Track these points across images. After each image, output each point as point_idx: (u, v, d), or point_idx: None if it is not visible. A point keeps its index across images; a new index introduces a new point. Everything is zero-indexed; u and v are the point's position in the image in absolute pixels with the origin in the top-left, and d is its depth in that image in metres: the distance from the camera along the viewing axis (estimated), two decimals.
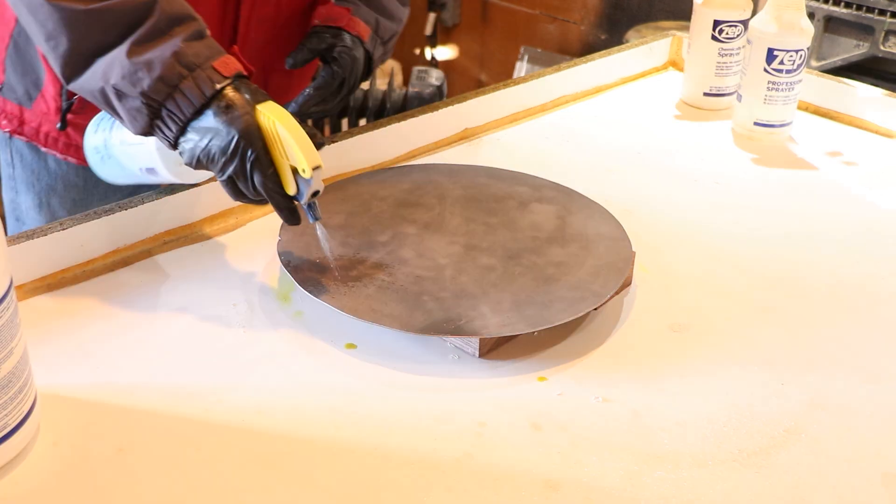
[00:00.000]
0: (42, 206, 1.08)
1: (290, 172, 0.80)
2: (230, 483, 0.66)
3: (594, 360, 0.80)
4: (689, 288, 0.91)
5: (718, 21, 1.27)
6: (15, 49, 1.00)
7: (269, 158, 0.80)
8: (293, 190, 0.81)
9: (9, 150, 1.07)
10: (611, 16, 2.72)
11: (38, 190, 1.07)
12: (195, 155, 0.80)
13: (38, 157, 1.05)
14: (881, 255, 0.98)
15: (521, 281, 0.85)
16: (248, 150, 0.78)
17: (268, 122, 0.79)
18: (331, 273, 0.85)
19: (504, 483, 0.67)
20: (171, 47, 0.79)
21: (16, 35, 0.99)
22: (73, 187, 1.06)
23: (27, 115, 1.02)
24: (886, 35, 1.79)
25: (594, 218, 0.95)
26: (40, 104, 1.01)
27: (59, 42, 0.80)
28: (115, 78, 0.79)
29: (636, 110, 1.32)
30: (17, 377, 0.64)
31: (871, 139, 1.25)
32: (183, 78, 0.79)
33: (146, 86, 0.78)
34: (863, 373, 0.80)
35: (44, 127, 1.02)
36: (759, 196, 1.10)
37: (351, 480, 0.67)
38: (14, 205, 1.11)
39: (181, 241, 0.94)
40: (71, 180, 1.06)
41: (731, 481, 0.68)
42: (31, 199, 1.08)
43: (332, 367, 0.78)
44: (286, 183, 0.81)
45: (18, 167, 1.07)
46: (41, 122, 1.02)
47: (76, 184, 1.06)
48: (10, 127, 1.03)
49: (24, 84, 1.01)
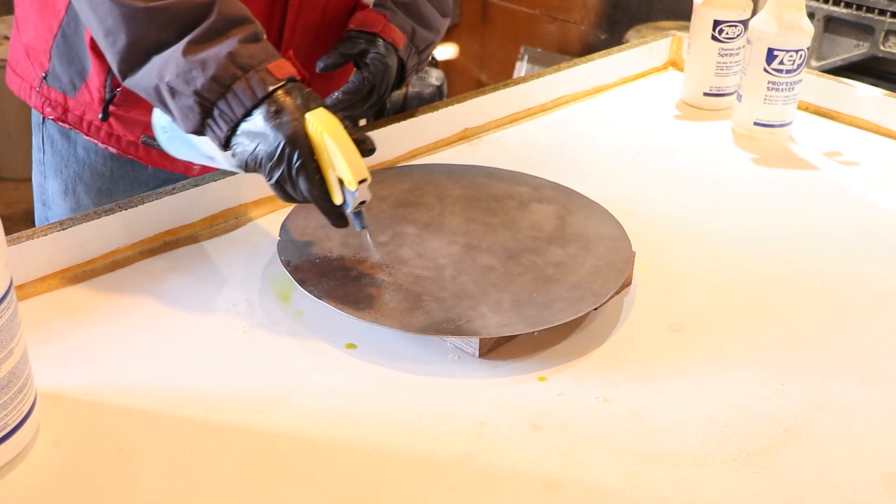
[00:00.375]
0: (68, 193, 1.09)
1: (337, 181, 0.80)
2: (230, 483, 0.66)
3: (594, 360, 0.80)
4: (689, 288, 0.91)
5: (718, 21, 1.27)
6: (63, 39, 1.01)
7: (315, 166, 0.79)
8: (339, 200, 0.80)
9: (41, 135, 1.09)
10: (611, 16, 2.72)
11: (66, 176, 1.09)
12: (244, 160, 0.81)
13: (68, 143, 1.07)
14: (881, 255, 0.98)
15: (521, 281, 0.85)
16: (294, 156, 0.78)
17: (315, 131, 0.79)
18: (333, 273, 0.85)
19: (504, 483, 0.67)
20: (226, 48, 0.80)
21: (65, 25, 1.01)
22: (99, 176, 1.08)
23: (71, 103, 1.04)
24: (886, 35, 1.79)
25: (594, 218, 0.95)
26: (84, 94, 1.02)
27: (117, 38, 0.82)
28: (169, 76, 0.80)
29: (636, 110, 1.32)
30: (17, 377, 0.64)
31: (871, 139, 1.25)
32: (236, 79, 0.79)
33: (199, 85, 0.79)
34: (863, 373, 0.80)
35: (87, 116, 1.03)
36: (759, 196, 1.10)
37: (351, 480, 0.67)
38: (41, 189, 1.13)
39: (181, 241, 0.94)
40: (98, 170, 1.07)
41: (731, 481, 0.68)
42: (57, 185, 1.10)
43: (332, 367, 0.78)
44: (332, 191, 0.80)
45: (48, 152, 1.09)
46: (85, 111, 1.03)
47: (103, 173, 1.07)
48: (54, 114, 1.05)
49: (70, 74, 1.03)
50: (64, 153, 1.08)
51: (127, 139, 1.03)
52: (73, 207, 1.09)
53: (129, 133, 1.03)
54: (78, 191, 1.09)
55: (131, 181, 1.07)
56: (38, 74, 1.05)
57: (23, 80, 1.07)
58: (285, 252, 0.87)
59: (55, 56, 1.03)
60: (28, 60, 1.06)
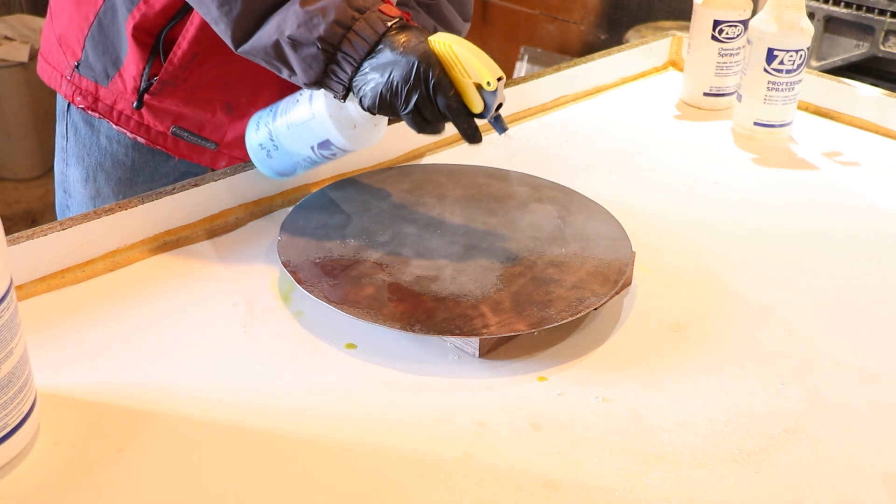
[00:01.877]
0: (88, 181, 1.11)
1: (473, 90, 0.83)
2: (230, 483, 0.66)
3: (594, 360, 0.80)
4: (689, 288, 0.91)
5: (718, 21, 1.27)
6: (99, 28, 1.03)
7: (449, 80, 0.83)
8: (479, 108, 0.84)
9: (64, 122, 1.11)
10: (611, 16, 2.72)
11: (87, 164, 1.10)
12: (378, 91, 0.83)
13: (91, 132, 1.08)
14: (881, 255, 0.98)
15: (520, 281, 0.85)
16: (430, 72, 0.82)
17: (443, 46, 0.83)
18: (333, 273, 0.85)
19: (504, 483, 0.67)
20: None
21: (101, 14, 1.02)
22: (120, 166, 1.09)
23: (102, 92, 1.05)
24: (886, 35, 1.79)
25: (594, 218, 0.95)
26: (117, 83, 1.04)
27: (233, 6, 0.85)
28: (290, 28, 0.83)
29: (636, 110, 1.32)
30: (17, 377, 0.64)
31: (871, 139, 1.25)
32: (356, 20, 0.83)
33: (322, 30, 0.82)
34: (863, 373, 0.80)
35: (118, 105, 1.05)
36: (759, 196, 1.10)
37: (351, 480, 0.67)
38: (63, 176, 1.14)
39: (181, 241, 0.94)
40: (119, 159, 1.09)
41: (731, 481, 0.68)
42: (79, 173, 1.11)
43: (332, 367, 0.78)
44: (471, 101, 0.84)
45: (72, 140, 1.11)
46: (116, 100, 1.05)
47: (124, 163, 1.09)
48: (84, 103, 1.06)
49: (103, 62, 1.04)
50: (87, 141, 1.09)
51: (157, 129, 1.05)
52: (93, 195, 1.11)
53: (159, 123, 1.04)
54: (99, 179, 1.10)
55: (151, 172, 1.08)
56: (70, 63, 1.06)
57: (54, 69, 1.08)
58: (285, 252, 0.87)
59: (89, 45, 1.04)
60: (60, 49, 1.07)
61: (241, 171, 0.98)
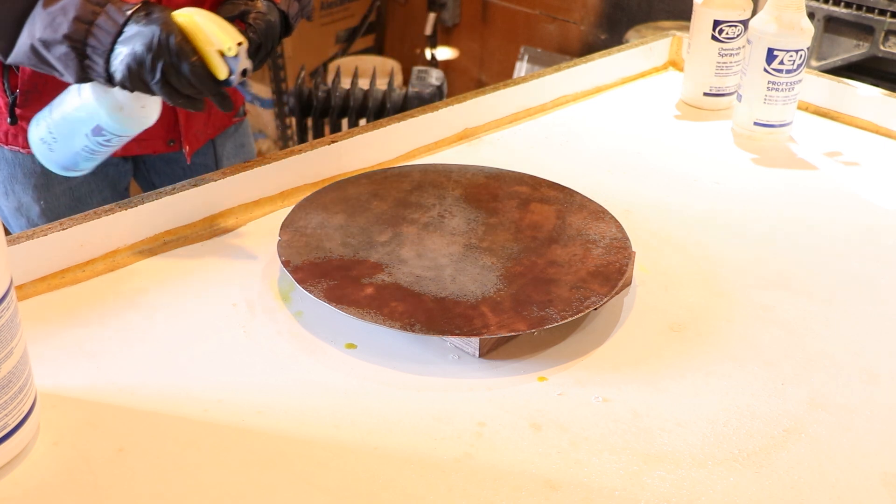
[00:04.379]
0: (9, 194, 1.15)
1: (217, 57, 0.86)
2: (230, 483, 0.66)
3: (594, 360, 0.80)
4: (689, 288, 0.91)
5: (718, 21, 1.27)
6: None
7: (191, 47, 0.86)
8: (224, 74, 0.87)
9: None
10: (611, 16, 2.72)
11: (2, 179, 1.14)
12: (126, 64, 0.85)
13: None
14: (881, 255, 0.98)
15: (520, 281, 0.85)
16: (170, 40, 0.84)
17: (185, 18, 0.86)
18: (333, 273, 0.85)
19: (504, 483, 0.67)
20: None
21: None
22: (31, 173, 1.13)
23: None
24: (886, 35, 1.79)
25: (594, 218, 0.95)
26: None
27: None
28: (39, 31, 0.86)
29: (636, 110, 1.32)
30: (17, 377, 0.64)
31: (871, 139, 1.25)
32: (97, 14, 0.85)
33: (66, 28, 0.85)
34: (863, 373, 0.80)
35: (1, 126, 1.09)
36: (760, 196, 1.10)
37: (351, 480, 0.67)
38: None
39: (181, 241, 0.94)
40: (28, 167, 1.13)
41: (731, 481, 0.68)
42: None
43: (332, 367, 0.78)
44: (215, 68, 0.87)
45: None
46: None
47: (34, 170, 1.13)
48: None
49: None
50: None
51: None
52: (17, 206, 1.15)
53: None
54: (16, 190, 1.14)
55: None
56: None
57: None
58: (285, 252, 0.87)
59: None
60: None
61: (241, 171, 0.98)
